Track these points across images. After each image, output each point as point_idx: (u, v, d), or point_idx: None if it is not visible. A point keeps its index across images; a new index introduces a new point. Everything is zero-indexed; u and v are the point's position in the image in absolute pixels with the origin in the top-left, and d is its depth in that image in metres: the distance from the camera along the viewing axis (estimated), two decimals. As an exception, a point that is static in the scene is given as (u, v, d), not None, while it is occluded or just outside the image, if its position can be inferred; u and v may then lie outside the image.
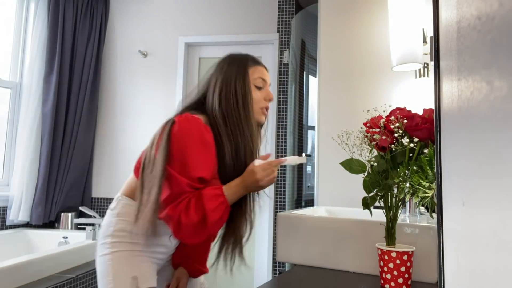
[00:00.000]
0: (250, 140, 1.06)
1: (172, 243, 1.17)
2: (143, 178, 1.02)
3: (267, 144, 1.31)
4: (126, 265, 1.04)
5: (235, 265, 1.12)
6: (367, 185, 0.86)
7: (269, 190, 2.73)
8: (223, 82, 1.08)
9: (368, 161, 0.87)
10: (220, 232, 1.14)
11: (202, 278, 1.35)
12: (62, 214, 2.82)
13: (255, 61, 1.14)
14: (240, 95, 1.06)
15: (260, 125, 1.17)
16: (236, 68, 1.10)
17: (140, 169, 1.05)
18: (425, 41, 1.60)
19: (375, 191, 0.86)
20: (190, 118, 1.01)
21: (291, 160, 1.10)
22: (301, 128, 2.75)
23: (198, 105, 1.12)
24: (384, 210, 0.86)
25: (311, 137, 2.69)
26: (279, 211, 2.50)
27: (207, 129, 1.01)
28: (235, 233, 1.11)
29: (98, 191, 3.07)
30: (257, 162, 1.02)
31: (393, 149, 0.83)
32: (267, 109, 1.13)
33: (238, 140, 1.04)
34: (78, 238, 2.56)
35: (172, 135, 0.99)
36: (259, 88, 1.11)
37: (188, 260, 1.24)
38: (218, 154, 1.03)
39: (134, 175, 1.14)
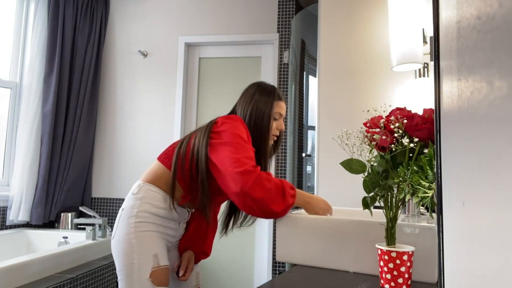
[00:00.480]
0: (264, 155, 1.31)
1: (180, 228, 1.35)
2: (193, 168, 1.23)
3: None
4: (148, 243, 1.18)
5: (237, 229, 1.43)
6: (367, 185, 0.86)
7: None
8: (253, 108, 1.32)
9: (368, 161, 0.87)
10: (222, 218, 1.42)
11: (198, 268, 1.48)
12: (62, 214, 2.82)
13: (279, 97, 1.38)
14: (265, 123, 1.32)
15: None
16: (265, 99, 1.34)
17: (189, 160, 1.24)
18: (425, 41, 1.60)
19: (375, 191, 0.86)
20: (238, 117, 1.27)
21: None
22: (301, 128, 2.75)
23: None
24: (384, 210, 0.86)
25: (311, 137, 2.69)
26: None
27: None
28: (237, 216, 1.41)
29: (98, 191, 3.07)
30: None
31: (393, 149, 0.83)
32: (276, 135, 1.38)
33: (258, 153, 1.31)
34: (78, 238, 2.56)
35: (225, 124, 1.22)
36: (275, 119, 1.36)
37: (197, 244, 1.41)
38: None
39: (160, 164, 1.28)
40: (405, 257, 0.80)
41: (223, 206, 1.46)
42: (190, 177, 1.22)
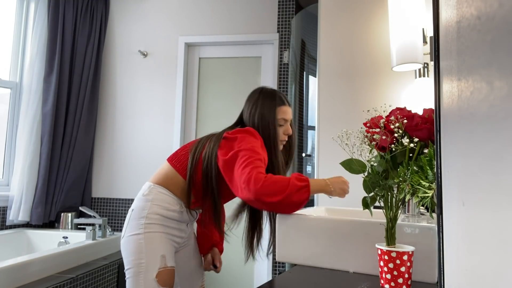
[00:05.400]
0: (276, 163, 1.30)
1: (188, 229, 1.38)
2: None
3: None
4: (157, 244, 1.21)
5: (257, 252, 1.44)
6: (367, 185, 0.86)
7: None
8: (258, 118, 1.32)
9: (368, 161, 0.87)
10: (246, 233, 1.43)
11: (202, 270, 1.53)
12: (62, 214, 2.82)
13: (282, 102, 1.36)
14: (271, 131, 1.31)
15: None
16: (267, 107, 1.33)
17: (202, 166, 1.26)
18: (425, 41, 1.60)
19: (375, 191, 0.86)
20: (253, 130, 1.26)
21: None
22: (301, 128, 2.75)
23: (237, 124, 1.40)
24: (384, 210, 0.86)
25: (311, 137, 2.69)
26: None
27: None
28: (260, 232, 1.41)
29: (98, 191, 3.07)
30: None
31: (393, 149, 0.83)
32: (284, 140, 1.37)
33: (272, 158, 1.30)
34: (78, 238, 2.56)
35: (238, 134, 1.22)
36: (280, 125, 1.35)
37: (221, 242, 1.52)
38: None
39: (171, 167, 1.30)
40: (405, 257, 0.80)
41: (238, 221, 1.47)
42: (202, 186, 1.25)
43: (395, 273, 0.81)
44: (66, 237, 2.54)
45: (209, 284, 2.86)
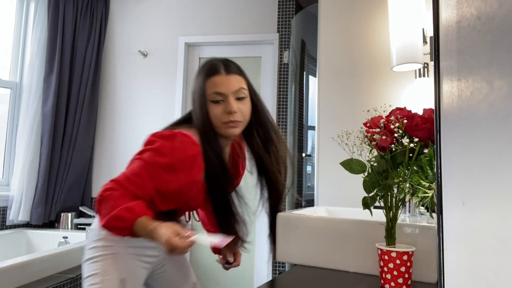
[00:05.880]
0: (217, 155, 1.06)
1: None
2: None
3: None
4: (116, 267, 1.06)
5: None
6: (367, 185, 0.86)
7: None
8: (192, 99, 1.10)
9: (368, 161, 0.87)
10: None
11: (194, 277, 1.34)
12: (62, 214, 2.82)
13: (212, 71, 1.05)
14: (202, 113, 1.05)
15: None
16: (197, 84, 1.08)
17: None
18: (425, 41, 1.60)
19: (375, 191, 0.86)
20: (177, 135, 1.03)
21: (201, 239, 0.97)
22: (301, 128, 2.75)
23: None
24: (384, 210, 0.86)
25: (311, 137, 2.69)
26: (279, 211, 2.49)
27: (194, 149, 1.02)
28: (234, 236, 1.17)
29: (98, 191, 3.07)
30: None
31: (393, 149, 0.83)
32: (231, 122, 1.04)
33: (209, 154, 1.05)
34: (78, 238, 2.56)
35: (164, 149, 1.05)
36: (216, 102, 1.04)
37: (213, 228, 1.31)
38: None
39: None
40: (405, 257, 0.80)
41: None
42: None
43: (395, 273, 0.81)
44: (66, 237, 2.54)
45: (209, 284, 2.86)
